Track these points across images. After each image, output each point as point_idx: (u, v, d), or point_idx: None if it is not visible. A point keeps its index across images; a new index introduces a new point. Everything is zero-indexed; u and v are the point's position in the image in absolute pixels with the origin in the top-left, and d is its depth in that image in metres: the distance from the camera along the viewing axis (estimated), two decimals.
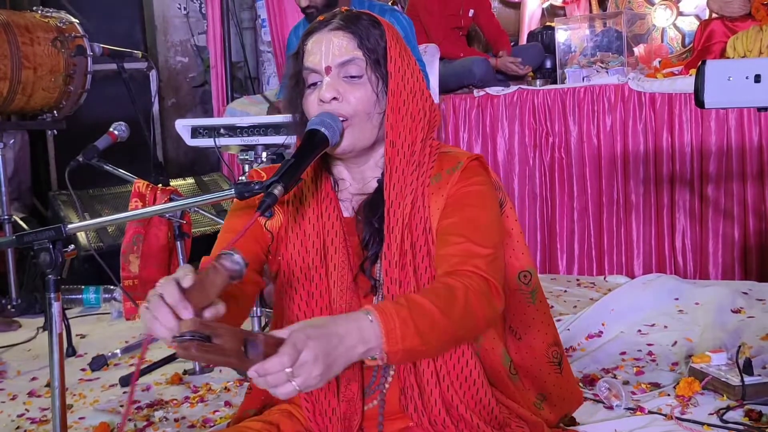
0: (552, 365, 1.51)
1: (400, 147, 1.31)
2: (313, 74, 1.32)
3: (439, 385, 1.32)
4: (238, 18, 5.68)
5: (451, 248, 1.27)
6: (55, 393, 1.41)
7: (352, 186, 1.39)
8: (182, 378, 2.70)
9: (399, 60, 1.32)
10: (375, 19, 1.35)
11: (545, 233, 4.12)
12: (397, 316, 1.10)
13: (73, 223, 1.37)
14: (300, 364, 0.98)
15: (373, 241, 1.33)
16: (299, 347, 0.99)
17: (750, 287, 3.38)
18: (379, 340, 1.08)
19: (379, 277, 1.32)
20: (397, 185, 1.31)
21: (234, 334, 0.95)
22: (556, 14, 5.24)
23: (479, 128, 4.22)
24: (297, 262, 1.35)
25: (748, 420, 2.06)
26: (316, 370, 1.00)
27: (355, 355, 1.06)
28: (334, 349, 1.02)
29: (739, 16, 4.03)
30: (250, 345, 0.96)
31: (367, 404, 1.35)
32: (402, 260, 1.30)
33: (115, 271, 2.62)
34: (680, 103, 3.77)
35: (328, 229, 1.35)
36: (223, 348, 0.92)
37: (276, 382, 0.98)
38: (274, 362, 0.97)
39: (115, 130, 2.79)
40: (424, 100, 1.35)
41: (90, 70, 3.64)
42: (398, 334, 1.09)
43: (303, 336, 1.00)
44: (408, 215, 1.31)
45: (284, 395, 1.00)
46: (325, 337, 1.02)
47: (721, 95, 2.04)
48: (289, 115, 1.40)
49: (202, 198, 1.37)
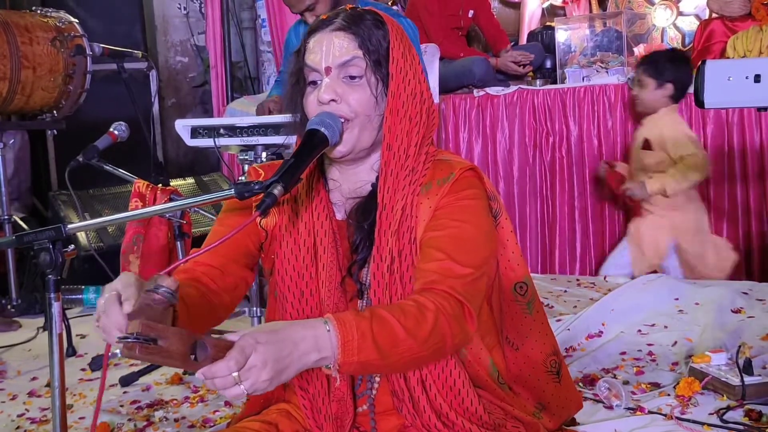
0: (550, 375, 1.49)
1: (396, 150, 1.30)
2: (313, 73, 1.31)
3: (426, 392, 1.31)
4: (238, 18, 5.68)
5: (431, 264, 1.25)
6: (55, 393, 1.40)
7: (345, 187, 1.37)
8: (182, 378, 2.70)
9: (401, 61, 1.30)
10: (379, 18, 1.33)
11: (545, 233, 4.12)
12: (356, 328, 1.10)
13: (73, 223, 1.36)
14: (247, 369, 0.99)
15: (363, 245, 1.32)
16: (247, 352, 1.00)
17: (750, 287, 3.38)
18: (335, 350, 1.08)
19: (365, 281, 1.31)
20: (390, 189, 1.30)
21: (182, 336, 0.96)
22: (556, 14, 5.24)
23: (479, 128, 4.22)
24: (290, 261, 1.35)
25: (748, 420, 2.06)
26: (264, 375, 1.00)
27: (309, 362, 1.07)
28: (286, 355, 1.03)
29: (739, 16, 4.04)
30: (199, 348, 0.97)
31: (360, 407, 1.35)
32: (391, 266, 1.29)
33: (115, 271, 2.62)
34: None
35: (318, 228, 1.34)
36: (168, 350, 0.93)
37: (223, 385, 0.99)
38: (221, 366, 0.98)
39: (115, 130, 2.79)
40: (423, 102, 1.33)
41: (89, 69, 3.64)
42: (355, 345, 1.09)
43: (252, 340, 1.01)
44: (398, 221, 1.29)
45: (232, 397, 1.02)
46: (278, 342, 1.03)
47: (721, 95, 2.04)
48: (286, 114, 1.39)
49: (202, 198, 1.37)
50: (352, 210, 1.35)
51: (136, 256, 2.67)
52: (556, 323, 2.86)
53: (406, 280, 1.29)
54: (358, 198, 1.36)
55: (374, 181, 1.35)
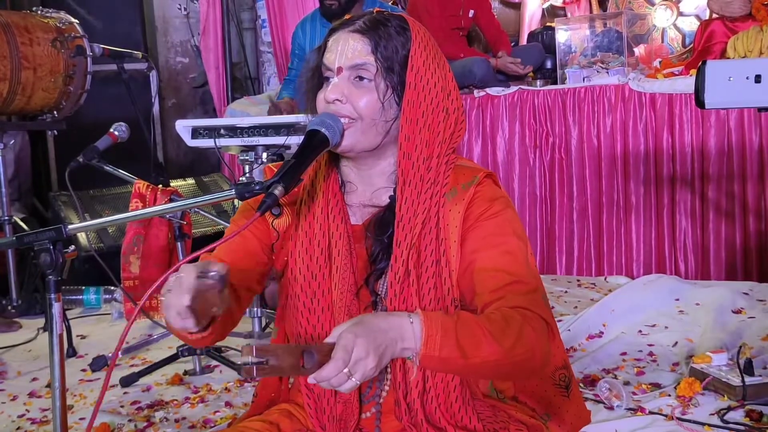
0: (558, 388, 1.47)
1: (416, 160, 1.28)
2: (328, 71, 1.32)
3: (423, 407, 1.31)
4: (239, 18, 5.68)
5: (494, 283, 1.24)
6: (56, 393, 1.40)
7: (361, 191, 1.37)
8: (183, 378, 2.70)
9: (423, 69, 1.29)
10: (405, 25, 1.31)
11: (545, 234, 4.12)
12: (441, 325, 1.13)
13: (73, 224, 1.36)
14: (354, 362, 1.07)
15: (381, 257, 1.31)
16: (349, 348, 1.07)
17: (750, 288, 3.38)
18: (417, 342, 1.12)
19: (381, 291, 1.31)
20: (409, 199, 1.29)
21: (290, 350, 1.09)
22: (556, 14, 5.24)
23: (479, 128, 4.22)
24: (304, 260, 1.34)
25: (749, 420, 2.06)
26: (370, 363, 1.08)
27: (397, 350, 1.12)
28: (381, 342, 1.10)
29: (739, 16, 4.03)
30: (307, 356, 1.09)
31: (365, 412, 1.35)
32: (407, 278, 1.28)
33: (115, 272, 2.62)
34: (680, 104, 3.77)
35: (333, 231, 1.34)
36: (281, 366, 1.07)
37: (338, 382, 1.08)
38: (331, 368, 1.06)
39: (116, 131, 2.79)
40: (447, 116, 1.30)
41: (90, 70, 3.64)
42: (437, 341, 1.12)
43: (351, 336, 1.08)
44: (417, 235, 1.29)
45: (347, 390, 1.09)
46: (371, 332, 1.10)
47: (721, 95, 2.04)
48: (290, 115, 1.39)
49: (203, 199, 1.37)
50: (370, 222, 1.34)
51: (137, 256, 2.67)
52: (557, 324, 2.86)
53: (424, 292, 1.29)
54: (375, 207, 1.35)
55: (392, 192, 1.34)
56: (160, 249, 2.71)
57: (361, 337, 1.08)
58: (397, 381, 1.31)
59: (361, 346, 1.07)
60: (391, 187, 1.35)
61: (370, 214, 1.35)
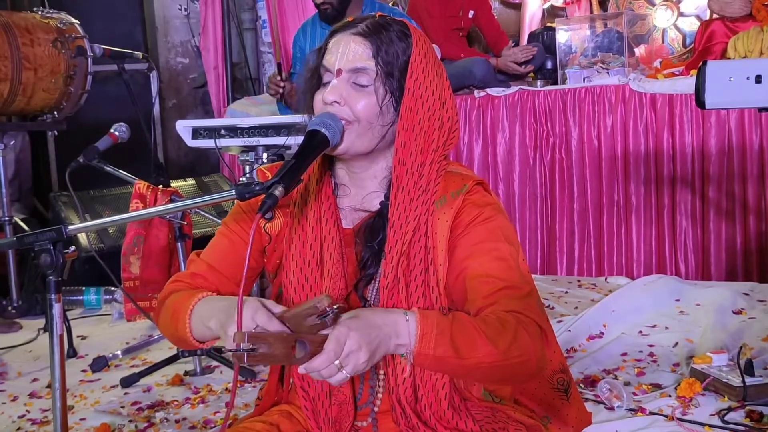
0: (557, 392, 1.46)
1: (410, 167, 1.28)
2: (327, 73, 1.32)
3: (418, 415, 1.31)
4: (239, 19, 5.69)
5: (487, 289, 1.24)
6: (56, 394, 1.40)
7: (353, 194, 1.37)
8: (183, 379, 2.70)
9: (422, 76, 1.29)
10: (406, 31, 1.31)
11: (546, 234, 4.12)
12: (437, 324, 1.14)
13: (73, 225, 1.36)
14: (345, 355, 1.08)
15: (372, 262, 1.31)
16: (342, 340, 1.08)
17: (751, 288, 3.38)
18: (412, 339, 1.13)
19: (370, 297, 1.31)
20: (401, 206, 1.29)
21: (283, 339, 1.09)
22: (556, 15, 5.23)
23: (480, 129, 4.22)
24: (297, 263, 1.35)
25: (750, 421, 2.06)
26: (362, 357, 1.09)
27: (391, 345, 1.14)
28: (374, 337, 1.11)
29: (739, 16, 4.03)
30: (299, 346, 1.09)
31: (361, 420, 1.35)
32: (396, 285, 1.28)
33: (115, 273, 2.62)
34: (681, 104, 3.77)
35: (325, 235, 1.34)
36: (273, 354, 1.07)
37: (329, 373, 1.09)
38: (323, 359, 1.07)
39: (116, 131, 2.79)
40: (442, 121, 1.30)
41: (90, 70, 3.64)
42: (432, 339, 1.13)
43: (345, 329, 1.09)
44: (408, 242, 1.29)
45: (337, 383, 1.10)
46: (365, 327, 1.11)
47: (721, 96, 2.04)
48: (291, 116, 1.40)
49: (203, 199, 1.37)
50: (360, 228, 1.34)
51: (137, 257, 2.68)
52: (557, 324, 2.86)
53: (413, 300, 1.28)
54: (366, 212, 1.35)
55: (383, 198, 1.33)
56: (161, 249, 2.71)
57: (355, 331, 1.09)
58: (391, 386, 1.31)
59: (354, 339, 1.09)
60: (382, 192, 1.34)
61: (361, 218, 1.35)
